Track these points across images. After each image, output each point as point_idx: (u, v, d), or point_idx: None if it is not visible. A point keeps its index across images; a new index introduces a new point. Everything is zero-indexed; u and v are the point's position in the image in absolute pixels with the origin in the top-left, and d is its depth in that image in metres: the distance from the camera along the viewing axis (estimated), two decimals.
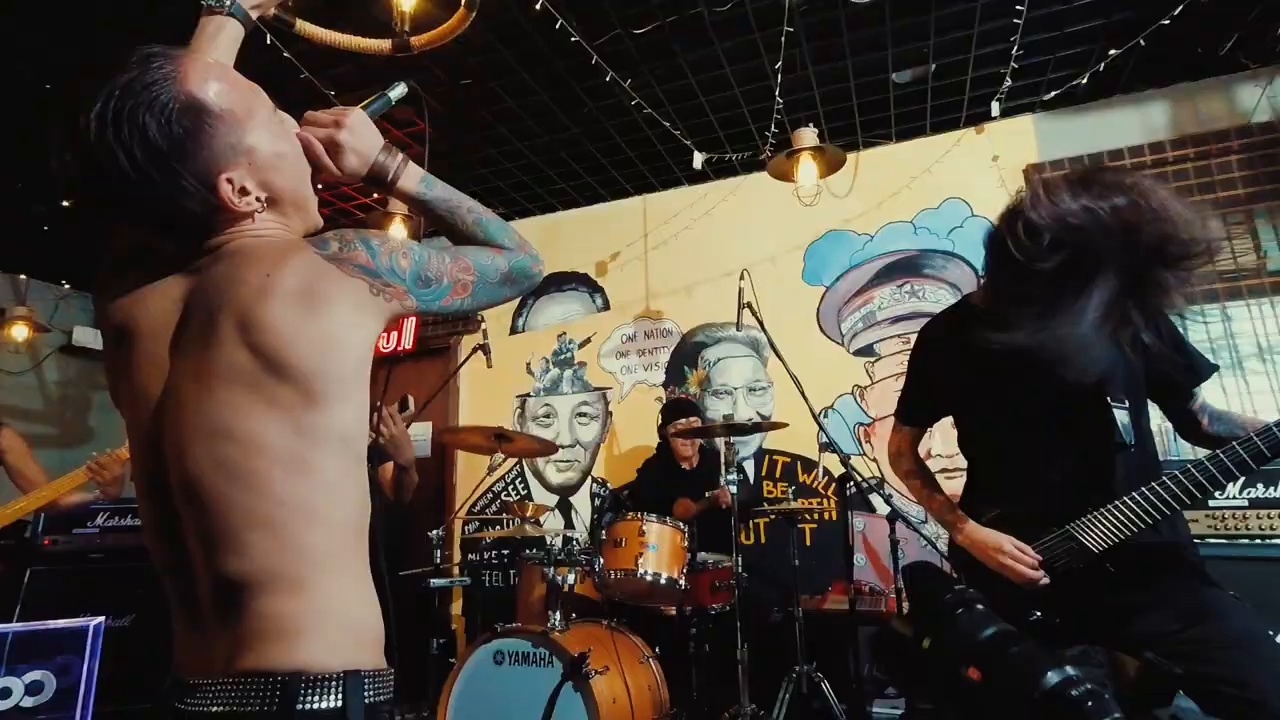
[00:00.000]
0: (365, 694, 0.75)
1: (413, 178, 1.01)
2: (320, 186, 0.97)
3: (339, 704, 0.73)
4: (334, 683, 0.73)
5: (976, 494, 1.67)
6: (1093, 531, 1.43)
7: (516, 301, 4.89)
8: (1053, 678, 0.62)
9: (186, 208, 0.81)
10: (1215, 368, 1.56)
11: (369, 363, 0.84)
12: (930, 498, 1.74)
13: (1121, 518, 1.41)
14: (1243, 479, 2.32)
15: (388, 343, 5.11)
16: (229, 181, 0.83)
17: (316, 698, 0.72)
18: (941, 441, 3.56)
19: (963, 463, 1.76)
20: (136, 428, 0.83)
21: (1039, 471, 1.52)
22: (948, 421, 1.81)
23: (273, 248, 0.84)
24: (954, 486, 1.74)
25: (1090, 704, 0.60)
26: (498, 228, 1.03)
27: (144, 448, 0.82)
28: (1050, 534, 1.49)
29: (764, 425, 3.75)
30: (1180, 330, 1.56)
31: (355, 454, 0.82)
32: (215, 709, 0.72)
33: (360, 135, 0.97)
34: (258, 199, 0.85)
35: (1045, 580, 1.47)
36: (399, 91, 1.09)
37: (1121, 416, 1.45)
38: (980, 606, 0.72)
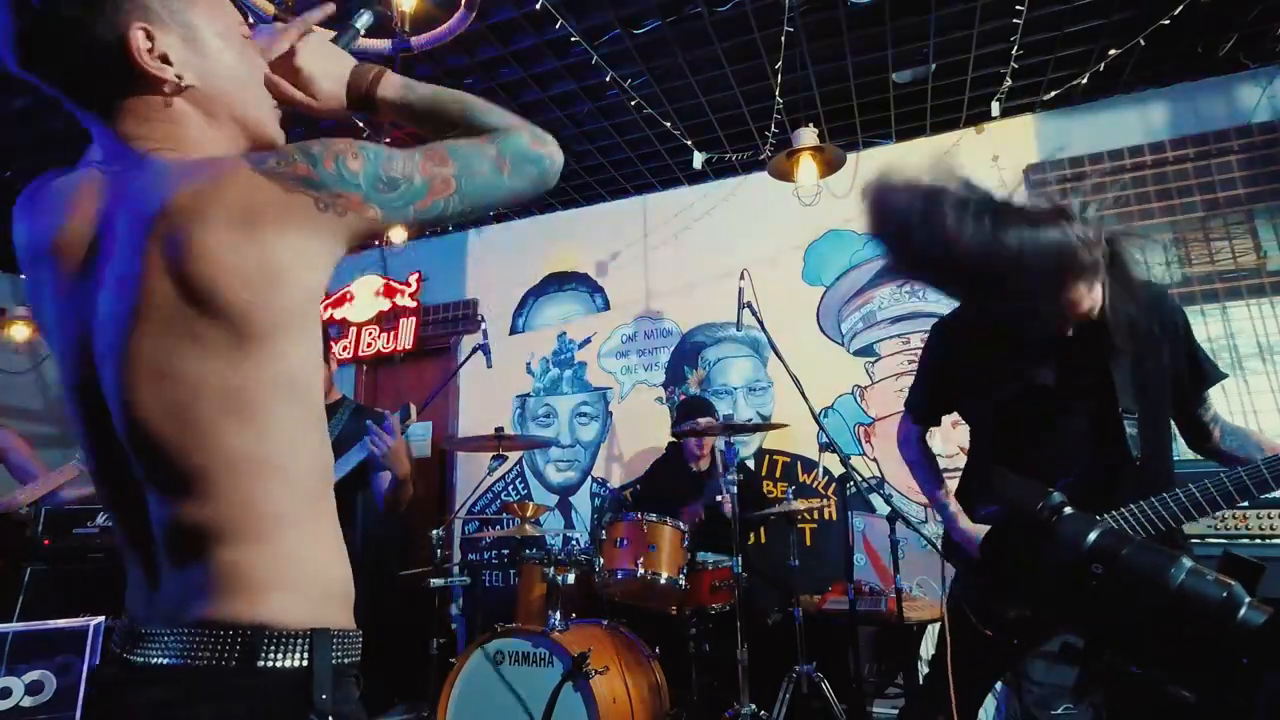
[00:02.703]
0: (333, 654, 0.70)
1: (393, 84, 0.89)
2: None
3: (304, 663, 0.67)
4: (300, 640, 0.67)
5: (976, 488, 1.68)
6: None
7: (516, 301, 4.89)
8: (1177, 575, 0.64)
9: (91, 55, 0.71)
10: (1224, 375, 1.56)
11: (320, 294, 0.74)
12: (931, 490, 1.75)
13: (1122, 526, 1.40)
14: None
15: (387, 343, 5.11)
16: (144, 32, 0.72)
17: (280, 655, 0.66)
18: (941, 441, 3.56)
19: (963, 461, 1.76)
20: (66, 360, 0.74)
21: (1043, 475, 1.51)
22: (948, 421, 1.81)
23: (203, 162, 0.73)
24: (953, 486, 1.75)
25: (1226, 597, 0.62)
26: (485, 109, 0.88)
27: (77, 385, 0.73)
28: None
29: (764, 425, 3.75)
30: (1192, 334, 1.55)
31: (309, 400, 0.74)
32: (165, 660, 0.66)
33: (324, 57, 0.87)
34: (178, 76, 0.74)
35: None
36: (364, 20, 0.98)
37: (1130, 428, 1.44)
38: (1069, 510, 0.74)
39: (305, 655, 0.68)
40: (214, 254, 0.65)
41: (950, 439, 3.53)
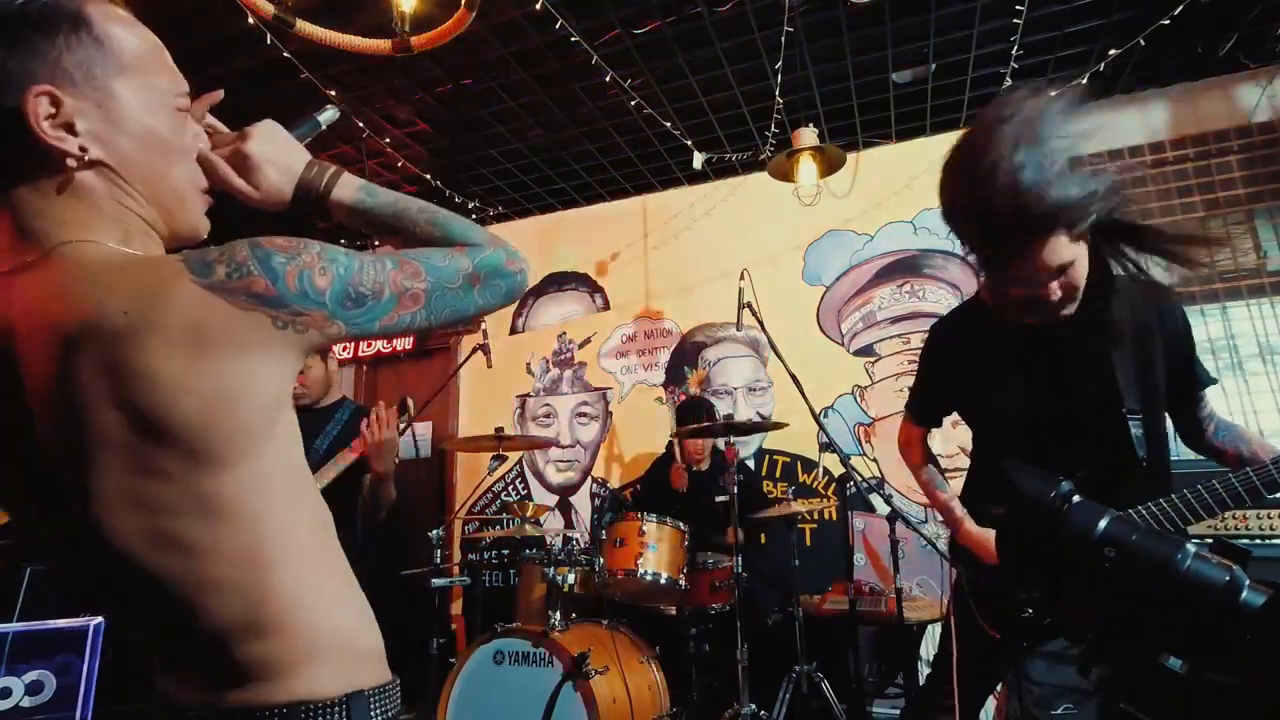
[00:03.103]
0: (372, 714, 0.70)
1: (350, 186, 0.82)
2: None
3: None
4: (337, 708, 0.68)
5: (980, 491, 1.67)
6: None
7: (516, 301, 4.89)
8: (1183, 561, 0.68)
9: None
10: (1214, 380, 1.56)
11: (283, 407, 0.69)
12: (934, 493, 1.74)
13: None
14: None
15: (386, 343, 5.11)
16: (49, 97, 0.64)
17: None
18: (942, 441, 3.56)
19: (963, 462, 1.76)
20: (9, 480, 0.69)
21: None
22: (948, 422, 1.81)
23: (130, 269, 0.65)
24: (954, 487, 1.74)
25: (1229, 580, 0.66)
26: (460, 225, 0.83)
27: (28, 504, 0.69)
28: None
29: (764, 425, 3.75)
30: (1192, 336, 1.55)
31: (292, 477, 0.71)
32: None
33: (276, 145, 0.80)
34: (82, 149, 0.66)
35: None
36: (329, 115, 0.97)
37: (1136, 428, 1.44)
38: (1077, 498, 0.77)
39: None
40: (161, 383, 0.60)
41: (951, 438, 3.53)
